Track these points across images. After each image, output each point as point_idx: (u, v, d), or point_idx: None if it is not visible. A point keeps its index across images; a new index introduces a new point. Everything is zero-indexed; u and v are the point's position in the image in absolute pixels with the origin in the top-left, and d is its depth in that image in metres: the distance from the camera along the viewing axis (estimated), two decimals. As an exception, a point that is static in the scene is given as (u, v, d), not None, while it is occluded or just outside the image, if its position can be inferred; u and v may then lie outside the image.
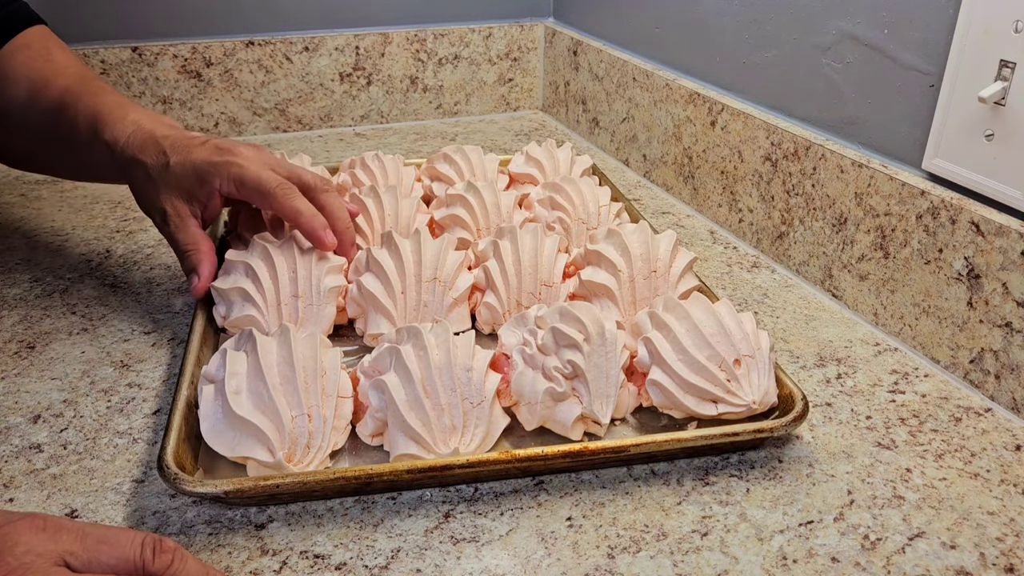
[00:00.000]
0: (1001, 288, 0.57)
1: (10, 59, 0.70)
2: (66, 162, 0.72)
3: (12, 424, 0.56)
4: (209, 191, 0.62)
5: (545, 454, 0.49)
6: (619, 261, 0.62)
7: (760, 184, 0.79)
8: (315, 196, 0.63)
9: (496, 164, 0.83)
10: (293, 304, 0.61)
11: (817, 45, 0.73)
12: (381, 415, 0.51)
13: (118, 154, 0.64)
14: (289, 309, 0.61)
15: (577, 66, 1.11)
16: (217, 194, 0.62)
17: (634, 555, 0.46)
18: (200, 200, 0.62)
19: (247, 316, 0.60)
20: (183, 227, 0.62)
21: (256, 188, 0.61)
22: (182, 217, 0.62)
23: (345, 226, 0.64)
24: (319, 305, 0.61)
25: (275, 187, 0.61)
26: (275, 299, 0.61)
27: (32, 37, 0.73)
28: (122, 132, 0.64)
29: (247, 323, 0.61)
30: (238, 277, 0.62)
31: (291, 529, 0.48)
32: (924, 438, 0.56)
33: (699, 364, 0.53)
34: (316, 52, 1.10)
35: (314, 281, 0.61)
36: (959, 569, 0.46)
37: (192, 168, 0.61)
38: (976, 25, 0.58)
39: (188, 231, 0.62)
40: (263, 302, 0.60)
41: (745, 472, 0.52)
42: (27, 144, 0.72)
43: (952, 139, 0.61)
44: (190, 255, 0.62)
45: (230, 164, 0.61)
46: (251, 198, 0.63)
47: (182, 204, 0.62)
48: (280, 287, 0.61)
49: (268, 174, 0.62)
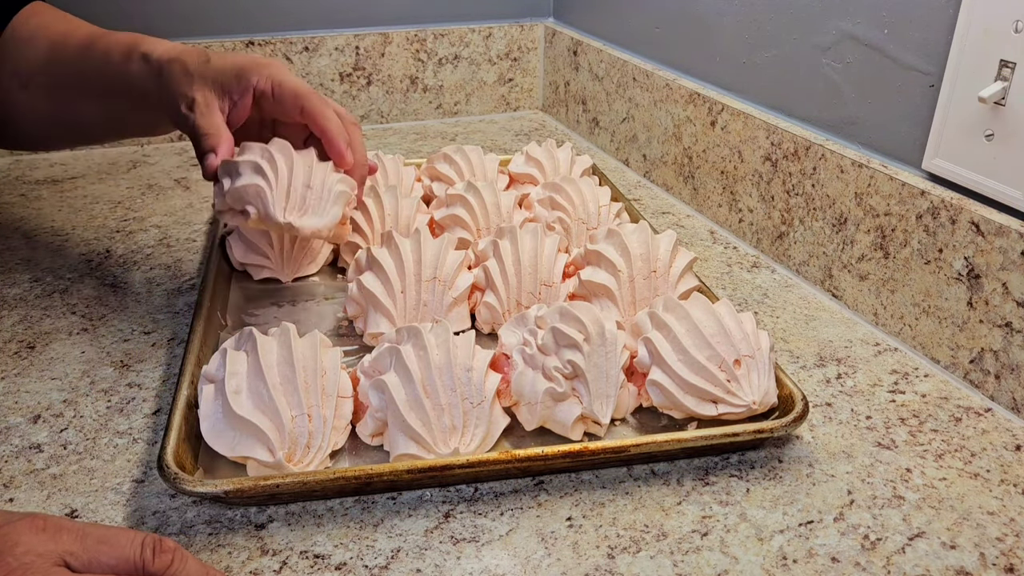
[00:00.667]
0: (1001, 288, 0.57)
1: (24, 24, 0.71)
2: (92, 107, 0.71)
3: (12, 424, 0.56)
4: (245, 86, 0.61)
5: (545, 454, 0.49)
6: (619, 261, 0.62)
7: (760, 184, 0.79)
8: (344, 123, 0.64)
9: (496, 164, 0.83)
10: (303, 192, 0.60)
11: (817, 45, 0.73)
12: (381, 415, 0.51)
13: (155, 60, 0.63)
14: (298, 196, 0.59)
15: (577, 66, 1.11)
16: (251, 92, 0.62)
17: (634, 555, 0.46)
18: (232, 97, 0.62)
19: (254, 185, 0.58)
20: (208, 114, 0.61)
21: (293, 89, 0.62)
22: (210, 106, 0.61)
23: (363, 159, 0.65)
24: (327, 200, 0.60)
25: (311, 91, 0.62)
26: (287, 181, 0.59)
27: (41, 7, 0.73)
28: (160, 45, 0.65)
29: (252, 193, 0.59)
30: (253, 155, 0.60)
31: (291, 529, 0.48)
32: (924, 438, 0.56)
33: (699, 364, 0.53)
34: (316, 52, 1.10)
35: (328, 182, 0.61)
36: (959, 569, 0.46)
37: (232, 63, 0.62)
38: (976, 25, 0.58)
39: (213, 118, 0.61)
40: (274, 178, 0.59)
41: (745, 472, 0.52)
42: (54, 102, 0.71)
43: (952, 139, 0.61)
44: (210, 138, 0.60)
45: (271, 65, 0.62)
46: (285, 100, 0.62)
47: (212, 96, 0.62)
48: (294, 175, 0.60)
49: (305, 83, 0.63)
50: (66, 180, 0.96)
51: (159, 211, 0.88)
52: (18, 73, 0.70)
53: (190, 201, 0.91)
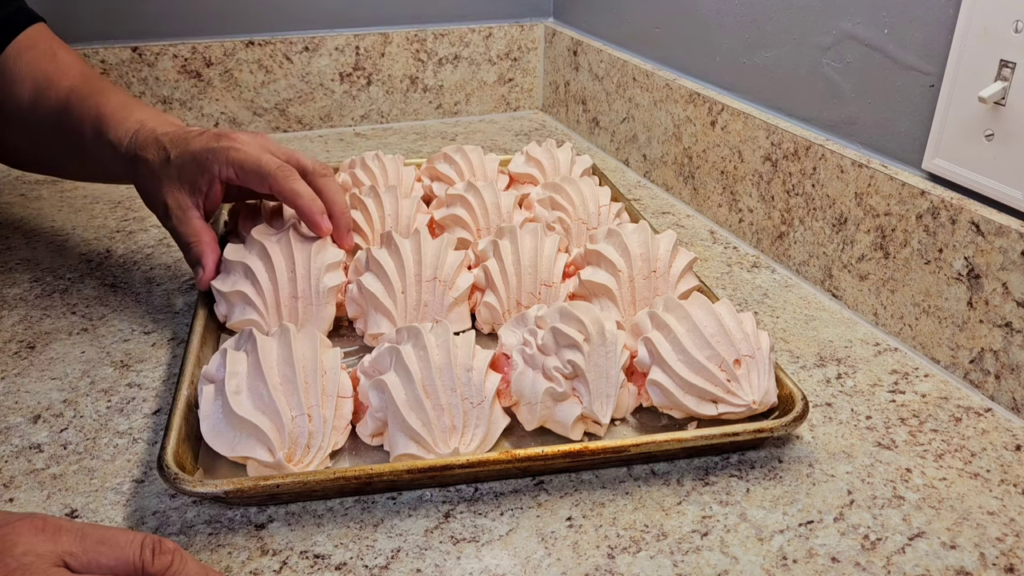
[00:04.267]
0: (1001, 288, 0.57)
1: (16, 60, 0.71)
2: (72, 163, 0.72)
3: (12, 424, 0.56)
4: (209, 178, 0.62)
5: (545, 454, 0.49)
6: (619, 261, 0.62)
7: (760, 184, 0.79)
8: (313, 180, 0.64)
9: (496, 164, 0.83)
10: (292, 305, 0.61)
11: (817, 45, 0.73)
12: (381, 415, 0.51)
13: (122, 154, 0.64)
14: (288, 310, 0.61)
15: (577, 66, 1.11)
16: (217, 181, 0.62)
17: (634, 555, 0.46)
18: (201, 189, 0.62)
19: (247, 320, 0.61)
20: (185, 219, 0.63)
21: (255, 171, 0.61)
22: (183, 209, 0.63)
23: (341, 211, 0.64)
24: (318, 305, 0.62)
25: (275, 169, 0.61)
26: (274, 301, 0.61)
27: (36, 37, 0.73)
28: (125, 132, 0.64)
29: (248, 326, 0.61)
30: (237, 279, 0.62)
31: (291, 529, 0.48)
32: (924, 438, 0.56)
33: (699, 364, 0.53)
34: (316, 52, 1.10)
35: (313, 281, 0.62)
36: (959, 569, 0.46)
37: (191, 157, 0.62)
38: (976, 25, 0.58)
39: (190, 223, 0.63)
40: (263, 305, 0.61)
41: (745, 472, 0.52)
42: (33, 145, 0.73)
43: (952, 139, 0.61)
44: (192, 247, 0.62)
45: (228, 149, 0.61)
46: (250, 182, 0.62)
47: (184, 196, 0.62)
48: (279, 288, 0.61)
49: (267, 157, 0.62)
50: (66, 180, 0.96)
51: (159, 211, 0.88)
52: (2, 109, 0.70)
53: (190, 201, 0.91)
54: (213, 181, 0.62)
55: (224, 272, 0.63)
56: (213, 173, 0.62)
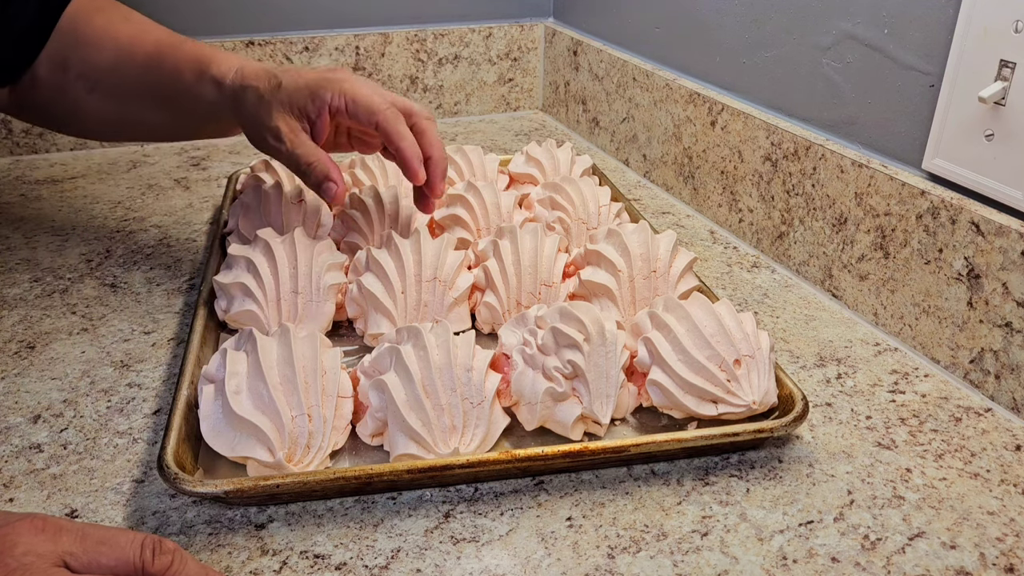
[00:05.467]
0: (1001, 288, 0.57)
1: (87, 24, 0.70)
2: (160, 114, 0.72)
3: (12, 424, 0.56)
4: (320, 105, 0.62)
5: (545, 454, 0.49)
6: (619, 261, 0.62)
7: (760, 184, 0.79)
8: (416, 121, 0.64)
9: (496, 164, 0.83)
10: (293, 300, 0.61)
11: (817, 45, 0.73)
12: (381, 415, 0.51)
13: (227, 86, 0.65)
14: (288, 305, 0.61)
15: (577, 66, 1.11)
16: (327, 109, 0.62)
17: (634, 555, 0.46)
18: (310, 116, 0.63)
19: (247, 311, 0.61)
20: (299, 142, 0.63)
21: (367, 105, 0.62)
22: (296, 132, 0.63)
23: (440, 155, 0.65)
24: (318, 302, 0.62)
25: (385, 108, 0.62)
26: (275, 295, 0.61)
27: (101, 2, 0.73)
28: (228, 68, 0.65)
29: (247, 318, 0.61)
30: (239, 272, 0.62)
31: (291, 529, 0.48)
32: (924, 438, 0.56)
33: (699, 364, 0.53)
34: (316, 52, 1.10)
35: (314, 278, 0.62)
36: (959, 569, 0.46)
37: (304, 84, 0.63)
38: (976, 25, 0.58)
39: (306, 145, 0.63)
40: (263, 297, 0.61)
41: (745, 472, 0.52)
42: (120, 105, 0.72)
43: (952, 139, 0.61)
44: (315, 165, 0.62)
45: (343, 80, 0.63)
46: (359, 115, 0.63)
47: (294, 120, 0.63)
48: (280, 283, 0.61)
49: (378, 96, 0.63)
50: (66, 180, 0.96)
51: (159, 211, 0.88)
52: (84, 75, 0.70)
53: (190, 201, 0.91)
54: (323, 109, 0.62)
55: (226, 266, 0.64)
56: (325, 100, 0.62)
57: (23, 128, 1.02)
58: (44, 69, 0.70)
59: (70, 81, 0.70)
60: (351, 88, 0.62)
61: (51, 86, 0.71)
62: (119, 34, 0.70)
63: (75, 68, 0.70)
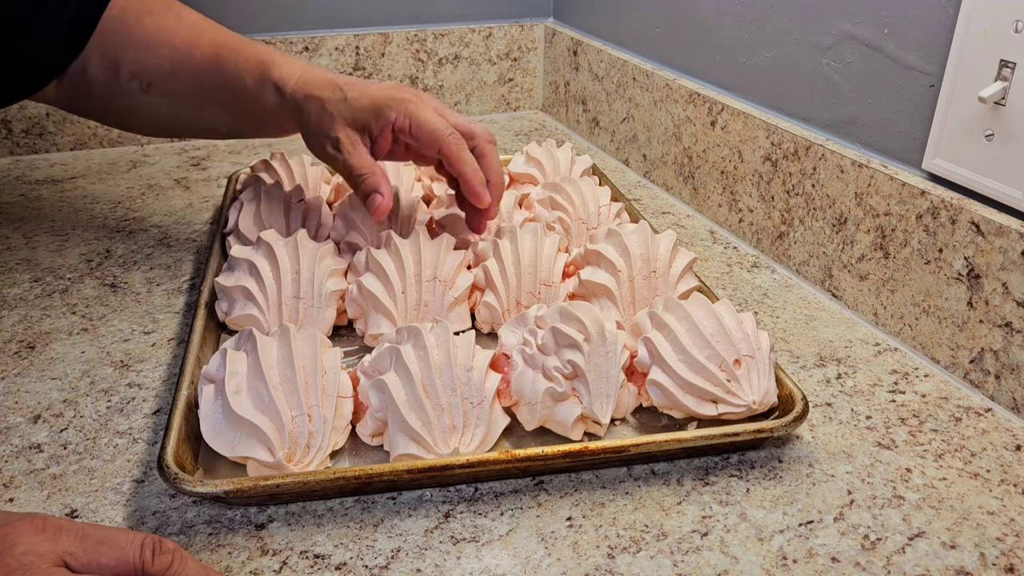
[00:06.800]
0: (1001, 288, 0.57)
1: (139, 26, 0.70)
2: (220, 115, 0.72)
3: (12, 424, 0.56)
4: (384, 124, 0.63)
5: (545, 454, 0.49)
6: (619, 261, 0.62)
7: (760, 184, 0.79)
8: (478, 144, 0.65)
9: (496, 164, 0.82)
10: (294, 305, 0.61)
11: (817, 45, 0.73)
12: (381, 415, 0.51)
13: (290, 93, 0.65)
14: (290, 310, 0.61)
15: (577, 66, 1.11)
16: (390, 129, 0.63)
17: (634, 555, 0.46)
18: (372, 133, 0.63)
19: (248, 315, 0.61)
20: (356, 152, 0.63)
21: (431, 132, 0.62)
22: (354, 143, 0.63)
23: (499, 179, 0.65)
24: (319, 308, 0.62)
25: (448, 134, 0.63)
26: (276, 299, 0.61)
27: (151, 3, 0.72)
28: (291, 74, 0.66)
29: (248, 322, 0.61)
30: (241, 275, 0.62)
31: (291, 529, 0.48)
32: (924, 438, 0.56)
33: (699, 364, 0.53)
34: (316, 52, 1.10)
35: (316, 284, 0.62)
36: (959, 569, 0.46)
37: (370, 100, 0.63)
38: (976, 25, 0.58)
39: (362, 156, 0.63)
40: (264, 301, 0.61)
41: (745, 472, 0.52)
42: (175, 107, 0.72)
43: (952, 139, 0.61)
44: (367, 177, 0.63)
45: (409, 102, 0.63)
46: (421, 139, 0.63)
47: (355, 134, 0.63)
48: (282, 287, 0.61)
49: (441, 120, 0.63)
50: (66, 180, 0.96)
51: (159, 211, 0.88)
52: (138, 76, 0.70)
53: (190, 201, 0.91)
54: (386, 128, 0.63)
55: (228, 268, 0.63)
56: (389, 119, 0.62)
57: (23, 128, 1.02)
58: (95, 69, 0.69)
59: (123, 81, 0.70)
60: (416, 111, 0.62)
61: (103, 85, 0.70)
62: (173, 37, 0.70)
63: (127, 68, 0.69)
